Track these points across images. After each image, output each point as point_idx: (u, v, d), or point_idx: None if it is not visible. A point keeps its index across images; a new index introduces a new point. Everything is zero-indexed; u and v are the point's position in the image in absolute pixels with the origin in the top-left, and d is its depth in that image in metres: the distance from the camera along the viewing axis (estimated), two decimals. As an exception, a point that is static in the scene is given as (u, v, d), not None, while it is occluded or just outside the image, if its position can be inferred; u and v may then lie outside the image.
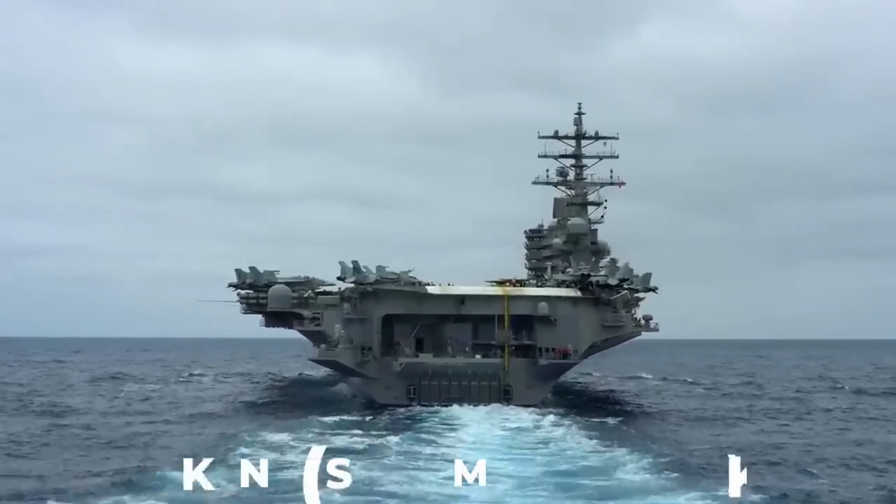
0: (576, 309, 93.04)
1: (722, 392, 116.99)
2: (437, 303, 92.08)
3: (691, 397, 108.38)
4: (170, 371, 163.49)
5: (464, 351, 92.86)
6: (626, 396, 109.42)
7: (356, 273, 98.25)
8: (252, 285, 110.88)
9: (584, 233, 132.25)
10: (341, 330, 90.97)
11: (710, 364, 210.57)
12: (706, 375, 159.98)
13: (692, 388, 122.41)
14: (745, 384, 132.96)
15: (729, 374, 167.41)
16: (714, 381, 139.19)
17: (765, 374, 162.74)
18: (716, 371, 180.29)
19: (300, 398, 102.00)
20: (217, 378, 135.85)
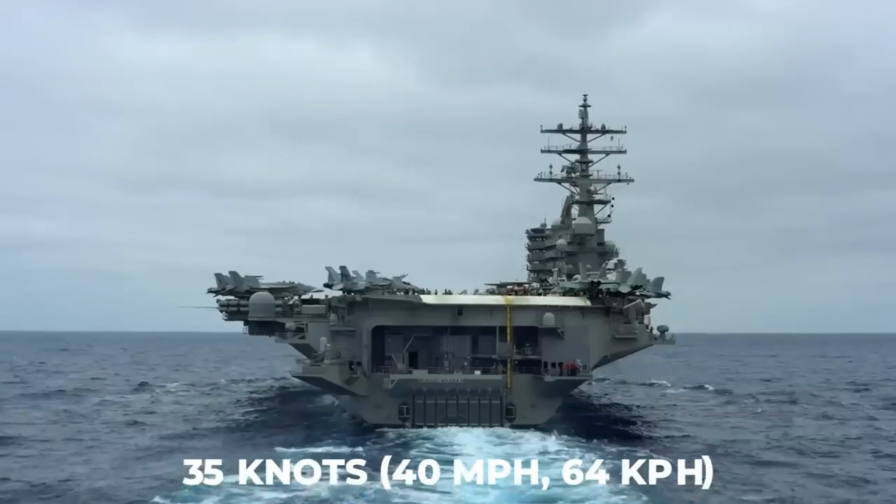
0: (584, 320, 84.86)
1: (759, 407, 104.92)
2: (433, 313, 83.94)
3: (732, 414, 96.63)
4: (146, 374, 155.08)
5: (462, 366, 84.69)
6: (649, 413, 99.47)
7: (344, 279, 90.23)
8: (233, 291, 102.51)
9: (590, 233, 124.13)
10: (327, 343, 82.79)
11: (723, 367, 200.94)
12: (725, 380, 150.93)
13: (721, 400, 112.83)
14: (777, 393, 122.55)
15: (749, 378, 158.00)
16: (742, 390, 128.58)
17: (794, 381, 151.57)
18: (734, 375, 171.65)
19: (275, 417, 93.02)
20: (185, 391, 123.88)
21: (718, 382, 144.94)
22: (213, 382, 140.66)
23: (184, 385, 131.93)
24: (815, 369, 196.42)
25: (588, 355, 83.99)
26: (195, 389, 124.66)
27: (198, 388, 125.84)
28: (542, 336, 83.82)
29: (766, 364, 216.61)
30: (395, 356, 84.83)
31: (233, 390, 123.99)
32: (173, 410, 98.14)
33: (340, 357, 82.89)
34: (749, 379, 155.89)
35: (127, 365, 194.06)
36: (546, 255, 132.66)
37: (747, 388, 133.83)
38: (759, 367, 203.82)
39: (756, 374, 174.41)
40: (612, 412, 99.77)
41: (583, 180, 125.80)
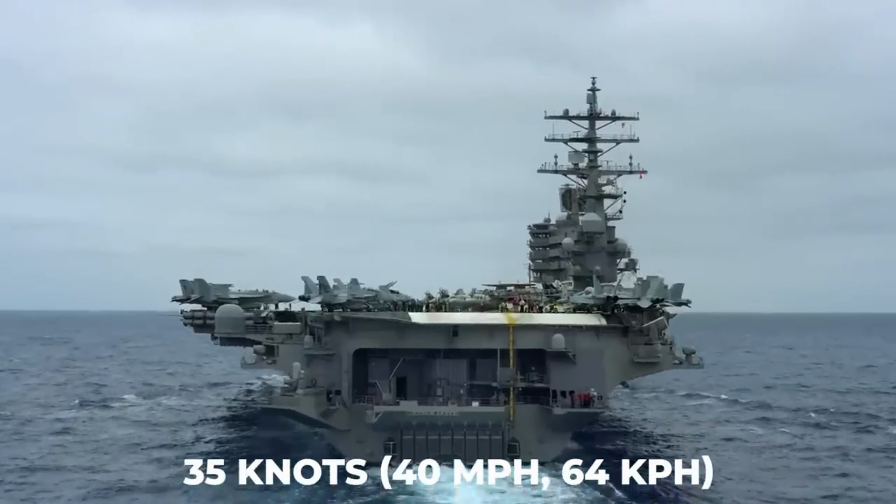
0: (599, 341, 73.41)
1: (830, 429, 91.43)
2: (424, 334, 72.50)
3: (797, 455, 78.96)
4: (107, 377, 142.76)
5: (457, 395, 73.50)
6: (679, 444, 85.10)
7: (323, 291, 78.81)
8: (200, 300, 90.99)
9: (599, 231, 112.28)
10: (301, 370, 71.24)
11: (744, 364, 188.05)
12: (757, 386, 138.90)
13: (766, 425, 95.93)
14: (825, 412, 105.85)
15: (782, 383, 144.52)
16: (782, 403, 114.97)
17: (835, 385, 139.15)
18: (760, 374, 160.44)
19: (239, 447, 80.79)
20: (135, 407, 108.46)
21: (749, 389, 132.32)
22: (182, 387, 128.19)
23: (137, 400, 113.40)
24: (843, 363, 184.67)
25: (603, 383, 72.65)
26: (145, 406, 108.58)
27: (150, 404, 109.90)
28: (551, 361, 72.46)
29: (790, 360, 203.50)
30: (380, 383, 73.54)
31: (192, 407, 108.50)
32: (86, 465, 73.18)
33: (316, 385, 71.55)
34: (783, 384, 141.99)
35: (97, 361, 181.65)
36: (550, 254, 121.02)
37: (785, 399, 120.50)
38: (783, 363, 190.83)
39: (784, 374, 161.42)
40: (636, 443, 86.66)
41: (591, 172, 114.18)
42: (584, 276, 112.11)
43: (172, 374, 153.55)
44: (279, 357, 74.15)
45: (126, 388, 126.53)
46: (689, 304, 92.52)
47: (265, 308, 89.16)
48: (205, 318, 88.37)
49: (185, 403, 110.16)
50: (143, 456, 76.34)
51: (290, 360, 72.68)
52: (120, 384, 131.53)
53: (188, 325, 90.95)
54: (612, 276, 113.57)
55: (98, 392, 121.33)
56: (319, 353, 72.21)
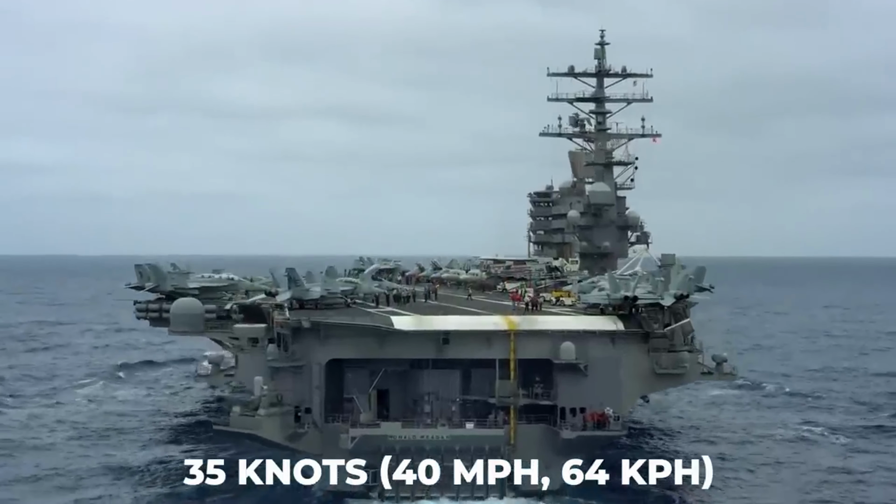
0: (616, 349, 62.31)
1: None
2: (409, 342, 61.47)
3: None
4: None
5: (449, 412, 62.67)
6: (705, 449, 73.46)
7: (293, 285, 67.94)
8: (156, 289, 79.78)
9: (608, 203, 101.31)
10: (264, 385, 60.19)
11: (762, 328, 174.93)
12: (775, 363, 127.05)
13: (804, 432, 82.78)
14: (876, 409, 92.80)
15: (804, 360, 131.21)
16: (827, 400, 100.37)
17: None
18: (779, 345, 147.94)
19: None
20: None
21: (769, 369, 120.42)
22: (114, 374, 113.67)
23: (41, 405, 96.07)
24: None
25: (620, 398, 61.79)
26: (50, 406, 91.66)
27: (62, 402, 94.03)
28: (559, 373, 61.50)
29: (812, 321, 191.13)
30: (357, 398, 62.77)
31: (128, 411, 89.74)
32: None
33: (282, 403, 60.59)
34: (805, 363, 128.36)
35: (57, 328, 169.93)
36: (553, 225, 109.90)
37: (809, 385, 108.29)
38: (802, 327, 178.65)
39: (808, 344, 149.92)
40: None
41: (599, 136, 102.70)
42: (592, 254, 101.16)
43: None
44: (238, 369, 63.20)
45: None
46: (713, 290, 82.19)
47: (230, 299, 78.21)
48: (160, 310, 77.10)
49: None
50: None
51: (251, 372, 61.67)
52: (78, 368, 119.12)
53: (142, 318, 79.70)
54: (622, 253, 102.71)
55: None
56: (285, 364, 61.13)
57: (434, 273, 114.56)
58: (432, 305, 73.82)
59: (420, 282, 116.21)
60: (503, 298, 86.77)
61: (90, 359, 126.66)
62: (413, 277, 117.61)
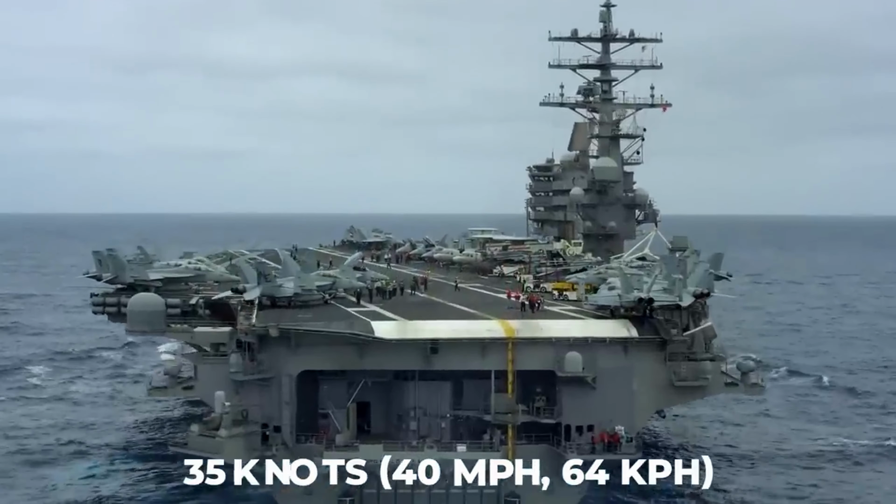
0: (628, 359, 54.55)
1: None
2: (392, 352, 53.67)
3: None
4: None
5: (438, 429, 55.11)
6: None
7: (262, 281, 60.30)
8: (115, 280, 71.81)
9: (614, 179, 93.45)
10: (226, 402, 52.48)
11: (791, 311, 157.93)
12: (810, 349, 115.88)
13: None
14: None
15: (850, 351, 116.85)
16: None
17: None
18: (814, 331, 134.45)
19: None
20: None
21: (810, 357, 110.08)
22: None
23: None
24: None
25: (633, 415, 54.22)
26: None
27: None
28: (564, 387, 53.80)
29: (832, 293, 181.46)
30: (334, 414, 55.18)
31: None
32: None
33: (247, 420, 52.94)
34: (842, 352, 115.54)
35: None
36: (554, 202, 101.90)
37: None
38: (823, 301, 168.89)
39: (838, 325, 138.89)
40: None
41: (604, 105, 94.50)
42: (596, 234, 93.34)
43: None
44: (197, 381, 55.38)
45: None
46: (731, 278, 75.03)
47: (197, 291, 70.38)
48: (119, 304, 69.10)
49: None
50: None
51: (212, 386, 53.93)
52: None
53: (98, 313, 71.74)
54: (629, 233, 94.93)
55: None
56: (250, 377, 53.38)
57: (426, 251, 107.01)
58: (420, 302, 65.91)
59: (411, 260, 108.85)
60: (499, 285, 79.24)
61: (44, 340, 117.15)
62: (404, 255, 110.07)
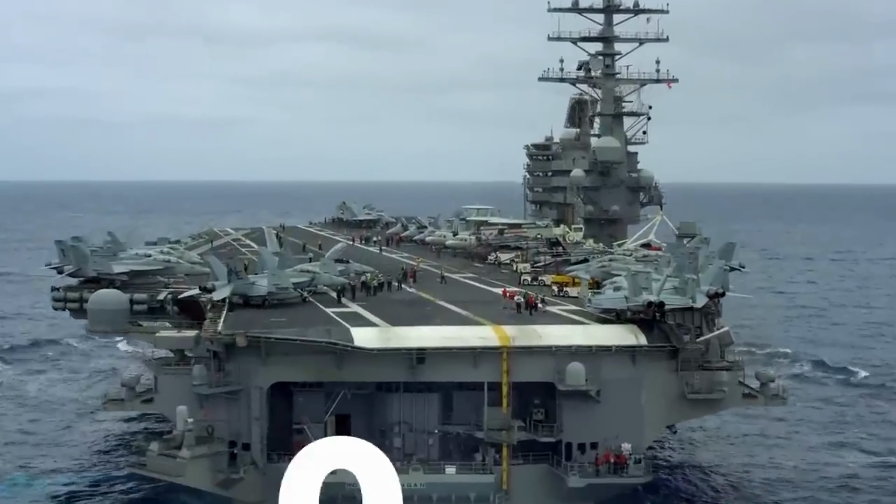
0: (636, 369, 49.15)
1: None
2: (374, 363, 48.20)
3: None
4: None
5: (425, 447, 49.80)
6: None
7: (234, 279, 54.94)
8: (78, 273, 66.26)
9: (617, 160, 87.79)
10: (188, 419, 47.10)
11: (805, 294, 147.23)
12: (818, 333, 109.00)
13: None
14: None
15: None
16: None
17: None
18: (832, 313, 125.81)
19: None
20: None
21: (816, 341, 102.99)
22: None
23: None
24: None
25: (642, 431, 48.99)
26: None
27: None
28: (565, 400, 48.44)
29: (852, 273, 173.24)
30: (310, 429, 49.72)
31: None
32: None
33: (213, 437, 47.63)
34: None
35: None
36: (553, 183, 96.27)
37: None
38: (841, 283, 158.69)
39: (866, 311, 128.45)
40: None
41: (607, 81, 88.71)
42: (598, 219, 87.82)
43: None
44: (158, 394, 49.96)
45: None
46: (744, 269, 69.86)
47: (166, 285, 64.95)
48: (81, 300, 63.60)
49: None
50: None
51: (173, 399, 48.53)
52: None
53: (59, 309, 66.25)
54: (633, 218, 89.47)
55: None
56: (216, 391, 48.00)
57: (418, 233, 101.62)
58: (407, 300, 60.38)
59: (402, 242, 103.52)
60: (495, 274, 73.88)
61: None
62: (395, 238, 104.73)
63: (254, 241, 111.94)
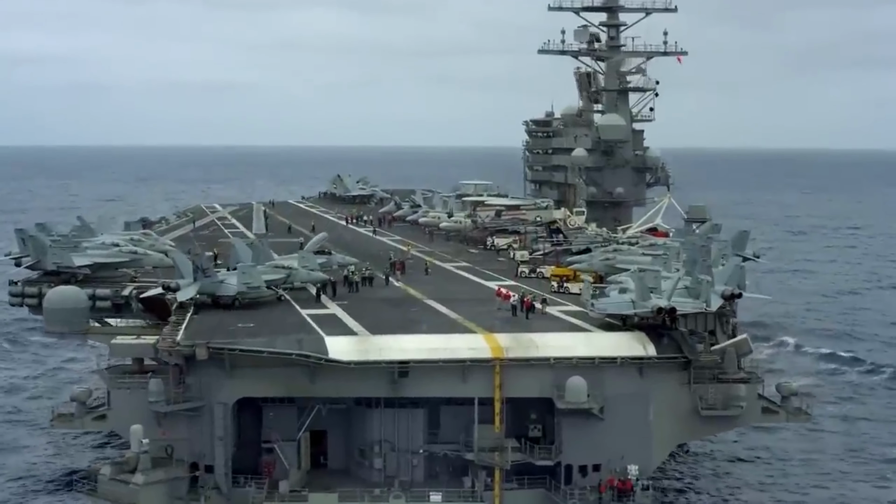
0: (644, 382, 44.08)
1: None
2: (350, 377, 43.11)
3: None
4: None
5: (408, 469, 44.93)
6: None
7: (200, 276, 49.86)
8: (37, 266, 61.11)
9: (622, 139, 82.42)
10: (143, 439, 42.14)
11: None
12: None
13: None
14: None
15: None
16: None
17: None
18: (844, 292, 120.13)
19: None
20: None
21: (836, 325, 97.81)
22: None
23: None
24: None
25: (650, 451, 44.01)
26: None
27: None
28: (564, 419, 43.38)
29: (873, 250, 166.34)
30: (281, 449, 44.79)
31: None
32: None
33: (171, 460, 42.77)
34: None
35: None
36: (553, 162, 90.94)
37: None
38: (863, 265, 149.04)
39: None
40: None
41: (612, 54, 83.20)
42: (602, 202, 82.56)
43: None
44: (111, 410, 44.90)
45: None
46: (759, 258, 64.95)
47: (133, 279, 59.88)
48: (41, 295, 58.43)
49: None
50: None
51: (128, 416, 43.53)
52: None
53: (16, 305, 61.07)
54: (638, 200, 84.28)
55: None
56: (177, 408, 43.00)
57: (412, 213, 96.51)
58: (391, 300, 55.09)
59: (395, 222, 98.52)
60: (490, 263, 68.85)
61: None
62: (388, 218, 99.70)
63: (240, 221, 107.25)
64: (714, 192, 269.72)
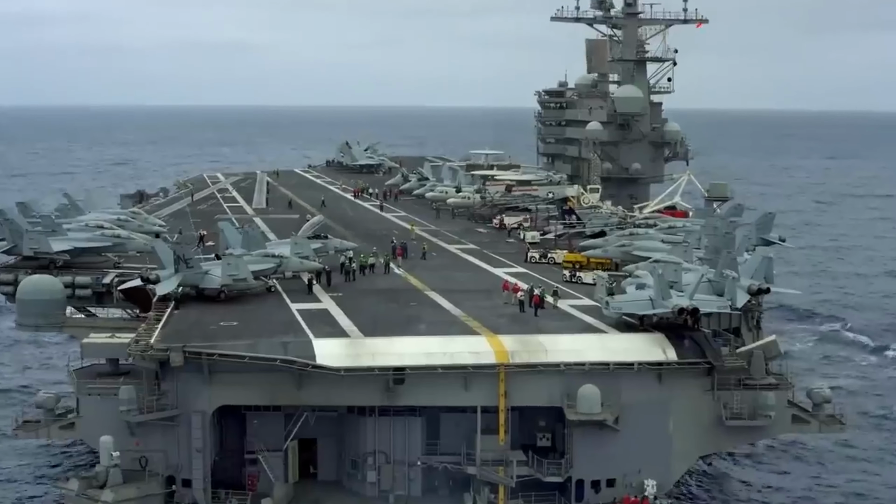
0: (663, 390, 40.18)
1: None
2: (341, 384, 39.28)
3: None
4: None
5: (404, 483, 41.23)
6: None
7: (181, 267, 46.36)
8: (13, 251, 57.35)
9: (639, 112, 78.10)
10: (114, 451, 38.48)
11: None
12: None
13: None
14: None
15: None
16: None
17: None
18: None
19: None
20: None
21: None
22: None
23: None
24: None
25: (668, 465, 40.20)
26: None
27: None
28: (576, 430, 39.52)
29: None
30: (266, 459, 41.09)
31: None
32: None
33: (146, 471, 39.20)
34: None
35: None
36: (566, 134, 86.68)
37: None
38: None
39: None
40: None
41: (628, 22, 78.72)
42: (617, 178, 78.40)
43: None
44: (80, 418, 41.17)
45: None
46: (784, 242, 61.06)
47: (116, 265, 56.13)
48: (17, 282, 54.66)
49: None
50: None
51: (99, 426, 39.83)
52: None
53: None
54: (656, 176, 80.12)
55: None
56: (151, 417, 39.29)
57: (418, 187, 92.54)
58: (388, 292, 51.07)
59: (402, 195, 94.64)
60: (498, 245, 64.95)
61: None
62: (394, 192, 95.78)
63: (241, 193, 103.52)
64: (735, 157, 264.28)
